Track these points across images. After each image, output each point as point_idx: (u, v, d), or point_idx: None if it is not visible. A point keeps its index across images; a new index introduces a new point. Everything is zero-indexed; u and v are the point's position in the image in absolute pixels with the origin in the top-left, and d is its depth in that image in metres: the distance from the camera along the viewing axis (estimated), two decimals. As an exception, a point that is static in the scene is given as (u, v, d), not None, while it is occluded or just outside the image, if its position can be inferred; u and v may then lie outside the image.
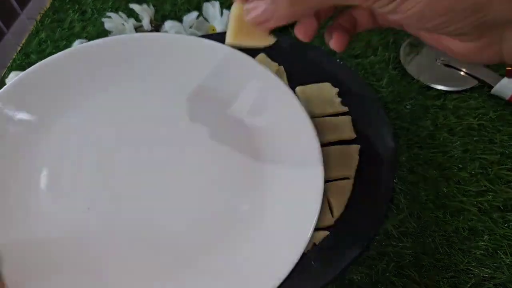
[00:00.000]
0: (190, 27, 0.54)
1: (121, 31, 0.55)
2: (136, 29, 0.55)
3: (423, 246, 0.37)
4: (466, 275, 0.36)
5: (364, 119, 0.43)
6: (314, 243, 0.37)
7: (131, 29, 0.54)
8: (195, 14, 0.55)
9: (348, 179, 0.40)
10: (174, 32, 0.53)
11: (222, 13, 0.54)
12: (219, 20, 0.54)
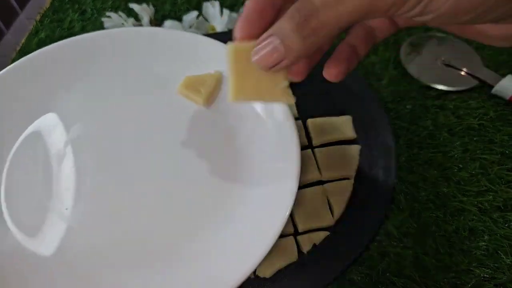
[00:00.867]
0: (190, 27, 0.54)
1: (120, 31, 0.55)
2: (135, 29, 0.55)
3: (424, 246, 0.37)
4: (467, 275, 0.36)
5: (364, 119, 0.43)
6: (314, 243, 0.37)
7: (130, 29, 0.54)
8: (195, 13, 0.55)
9: (348, 179, 0.40)
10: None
11: (222, 12, 0.54)
12: (219, 19, 0.54)
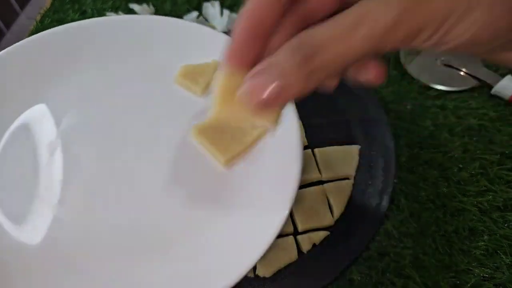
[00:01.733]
0: (190, 27, 0.54)
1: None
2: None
3: (423, 246, 0.37)
4: (466, 275, 0.36)
5: (364, 119, 0.43)
6: (314, 243, 0.37)
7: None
8: (195, 14, 0.55)
9: (348, 179, 0.40)
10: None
11: (222, 12, 0.54)
12: (219, 19, 0.54)
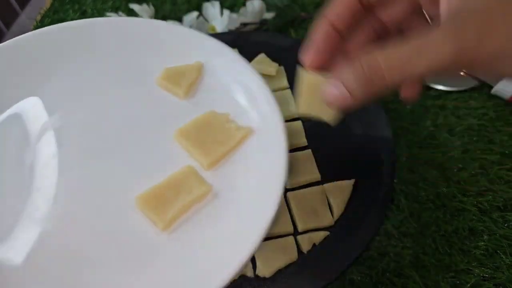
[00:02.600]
0: (190, 27, 0.54)
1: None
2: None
3: (423, 246, 0.37)
4: (466, 275, 0.36)
5: (364, 119, 0.43)
6: (314, 243, 0.37)
7: (131, 29, 0.54)
8: (195, 14, 0.55)
9: (348, 179, 0.40)
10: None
11: (222, 13, 0.54)
12: (219, 20, 0.54)
